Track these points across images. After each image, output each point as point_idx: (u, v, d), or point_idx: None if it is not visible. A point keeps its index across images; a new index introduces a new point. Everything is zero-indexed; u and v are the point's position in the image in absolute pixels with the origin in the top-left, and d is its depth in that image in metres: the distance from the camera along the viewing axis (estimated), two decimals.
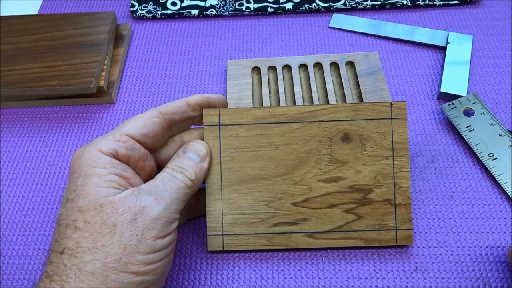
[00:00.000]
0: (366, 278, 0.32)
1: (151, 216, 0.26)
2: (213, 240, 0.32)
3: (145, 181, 0.29)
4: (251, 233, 0.32)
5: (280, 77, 0.43)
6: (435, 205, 0.35)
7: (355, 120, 0.32)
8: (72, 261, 0.25)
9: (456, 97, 0.40)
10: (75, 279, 0.24)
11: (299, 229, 0.32)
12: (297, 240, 0.32)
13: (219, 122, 0.32)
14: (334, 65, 0.43)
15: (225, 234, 0.32)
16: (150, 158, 0.31)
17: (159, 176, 0.29)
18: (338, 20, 0.48)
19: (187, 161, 0.30)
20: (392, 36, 0.46)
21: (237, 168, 0.32)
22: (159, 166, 0.32)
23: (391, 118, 0.31)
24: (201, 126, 0.32)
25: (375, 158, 0.32)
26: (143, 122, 0.30)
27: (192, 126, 0.33)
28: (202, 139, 0.32)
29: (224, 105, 0.33)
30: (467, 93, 0.40)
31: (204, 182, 0.32)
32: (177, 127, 0.32)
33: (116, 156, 0.28)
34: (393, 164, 0.32)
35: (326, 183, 0.32)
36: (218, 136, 0.32)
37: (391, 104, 0.31)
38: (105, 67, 0.43)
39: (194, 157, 0.30)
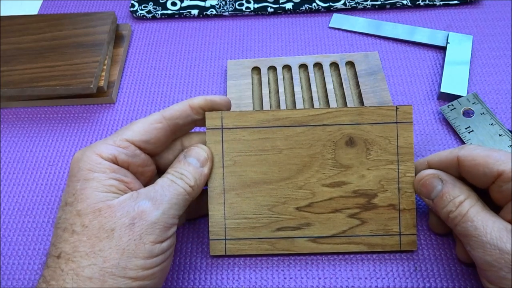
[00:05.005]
0: (366, 278, 0.32)
1: (149, 221, 0.26)
2: (216, 245, 0.32)
3: (145, 185, 0.29)
4: (254, 238, 0.32)
5: (280, 77, 0.43)
6: None
7: (360, 124, 0.31)
8: (69, 266, 0.24)
9: (456, 97, 0.40)
10: (72, 284, 0.24)
11: (302, 233, 0.32)
12: (300, 245, 0.32)
13: (222, 126, 0.32)
14: (334, 65, 0.43)
15: (228, 239, 0.32)
16: (151, 163, 0.30)
17: (159, 181, 0.28)
18: (338, 20, 0.48)
19: (187, 167, 0.29)
20: (392, 36, 0.46)
21: (240, 172, 0.32)
22: (160, 171, 0.31)
23: (397, 122, 0.31)
24: (203, 129, 0.32)
25: (379, 163, 0.31)
26: (145, 128, 0.29)
27: (196, 129, 0.33)
28: (204, 143, 0.32)
29: (228, 107, 0.32)
30: (467, 93, 0.40)
31: (206, 185, 0.31)
32: (180, 131, 0.31)
33: (115, 161, 0.28)
34: (398, 168, 0.31)
35: (330, 187, 0.32)
36: (220, 140, 0.32)
37: (397, 108, 0.31)
38: (105, 67, 0.43)
39: (194, 163, 0.30)
